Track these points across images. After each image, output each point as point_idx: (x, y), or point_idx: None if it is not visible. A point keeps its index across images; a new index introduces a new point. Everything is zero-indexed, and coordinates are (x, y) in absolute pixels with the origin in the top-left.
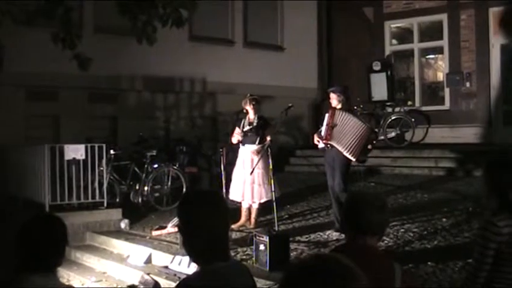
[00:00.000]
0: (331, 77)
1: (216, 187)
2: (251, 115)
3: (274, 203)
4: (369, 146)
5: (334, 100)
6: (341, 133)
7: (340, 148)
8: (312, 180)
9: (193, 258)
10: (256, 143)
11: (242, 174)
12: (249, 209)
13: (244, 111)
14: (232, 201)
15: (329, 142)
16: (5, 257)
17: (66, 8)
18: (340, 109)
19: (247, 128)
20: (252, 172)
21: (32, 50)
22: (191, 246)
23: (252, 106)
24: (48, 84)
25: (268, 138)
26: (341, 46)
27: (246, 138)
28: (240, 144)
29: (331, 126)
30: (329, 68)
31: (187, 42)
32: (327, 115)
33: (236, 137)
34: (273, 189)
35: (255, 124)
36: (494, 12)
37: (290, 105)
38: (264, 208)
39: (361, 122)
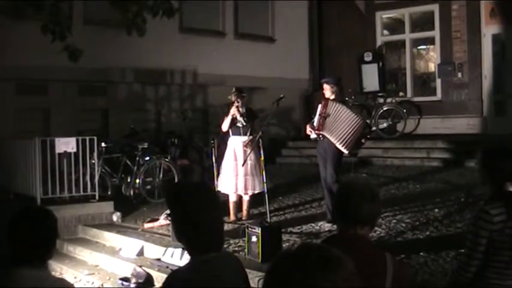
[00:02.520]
0: (323, 68)
1: (208, 179)
2: (240, 107)
3: (266, 195)
4: (363, 140)
5: (328, 91)
6: (334, 124)
7: (332, 139)
8: (304, 172)
9: (186, 249)
10: (248, 134)
11: (234, 166)
12: (237, 203)
13: (233, 102)
14: (222, 193)
15: (321, 132)
16: None
17: None
18: (333, 100)
19: (239, 118)
20: (244, 163)
21: (21, 43)
22: (182, 237)
23: (239, 98)
24: (38, 77)
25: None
26: (332, 37)
27: (237, 130)
28: (230, 135)
29: (324, 117)
30: (320, 58)
31: (178, 34)
32: (320, 105)
33: (232, 115)
34: (264, 180)
35: (244, 115)
36: (485, 2)
37: (281, 96)
38: (256, 200)
39: (356, 115)
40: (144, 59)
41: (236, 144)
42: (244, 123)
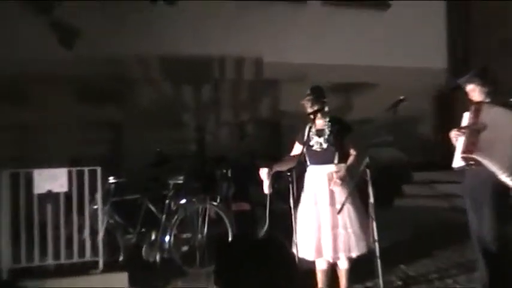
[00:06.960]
0: (468, 52)
1: (282, 236)
2: (318, 119)
3: (379, 260)
4: None
5: (476, 92)
6: (494, 143)
7: (493, 168)
8: (439, 221)
9: None
10: (335, 161)
11: (314, 213)
12: (329, 273)
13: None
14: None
15: (472, 156)
16: None
17: None
18: (488, 104)
19: (314, 139)
20: (340, 211)
21: None
22: None
23: (317, 105)
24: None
25: (354, 153)
26: (486, 5)
27: (314, 156)
28: (308, 164)
29: (477, 130)
30: (466, 37)
31: (230, 3)
32: (466, 114)
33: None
34: (375, 237)
35: (327, 132)
36: None
37: (401, 98)
38: (362, 268)
39: None
40: (176, 44)
41: (315, 179)
42: (326, 146)
